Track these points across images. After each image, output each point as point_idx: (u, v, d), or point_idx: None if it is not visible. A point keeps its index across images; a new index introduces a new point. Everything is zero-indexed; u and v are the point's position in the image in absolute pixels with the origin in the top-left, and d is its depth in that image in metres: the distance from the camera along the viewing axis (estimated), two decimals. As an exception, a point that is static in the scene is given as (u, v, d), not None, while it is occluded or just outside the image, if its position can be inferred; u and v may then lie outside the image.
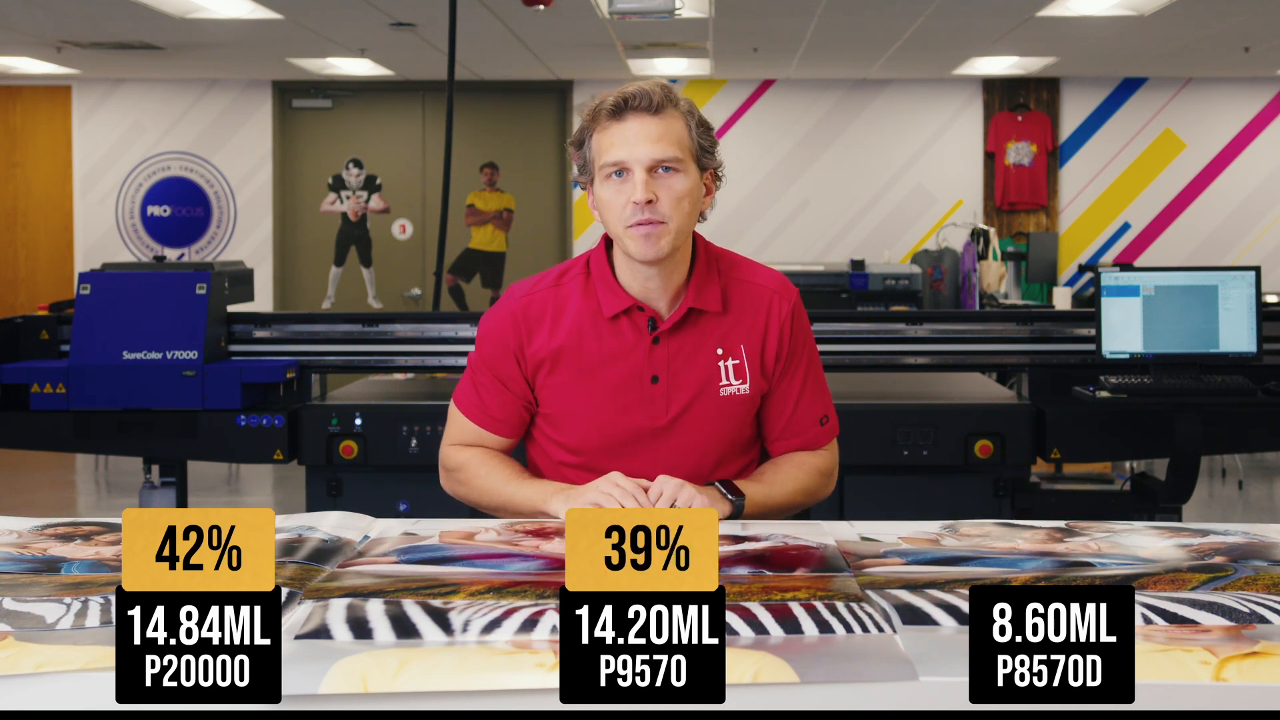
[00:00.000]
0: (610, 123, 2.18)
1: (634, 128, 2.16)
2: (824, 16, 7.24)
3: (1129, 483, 4.32)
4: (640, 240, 2.17)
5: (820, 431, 2.39)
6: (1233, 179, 9.92)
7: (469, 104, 10.00)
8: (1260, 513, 6.89)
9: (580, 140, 2.24)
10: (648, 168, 2.16)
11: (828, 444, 2.41)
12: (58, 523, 2.10)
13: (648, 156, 2.16)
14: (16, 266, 10.34)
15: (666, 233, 2.17)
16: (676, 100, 2.21)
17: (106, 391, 3.93)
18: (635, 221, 2.16)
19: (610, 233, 2.24)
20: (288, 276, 10.28)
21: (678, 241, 2.20)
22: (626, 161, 2.16)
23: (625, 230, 2.18)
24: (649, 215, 2.15)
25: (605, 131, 2.19)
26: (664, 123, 2.17)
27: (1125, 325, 3.77)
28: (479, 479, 2.31)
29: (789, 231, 9.99)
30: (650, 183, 2.16)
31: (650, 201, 2.15)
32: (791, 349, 2.33)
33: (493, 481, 2.29)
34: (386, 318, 4.24)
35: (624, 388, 2.26)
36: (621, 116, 2.17)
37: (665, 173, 2.17)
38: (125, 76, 10.02)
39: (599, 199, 2.22)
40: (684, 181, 2.18)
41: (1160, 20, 7.27)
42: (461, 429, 2.37)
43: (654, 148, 2.16)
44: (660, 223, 2.16)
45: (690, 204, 2.20)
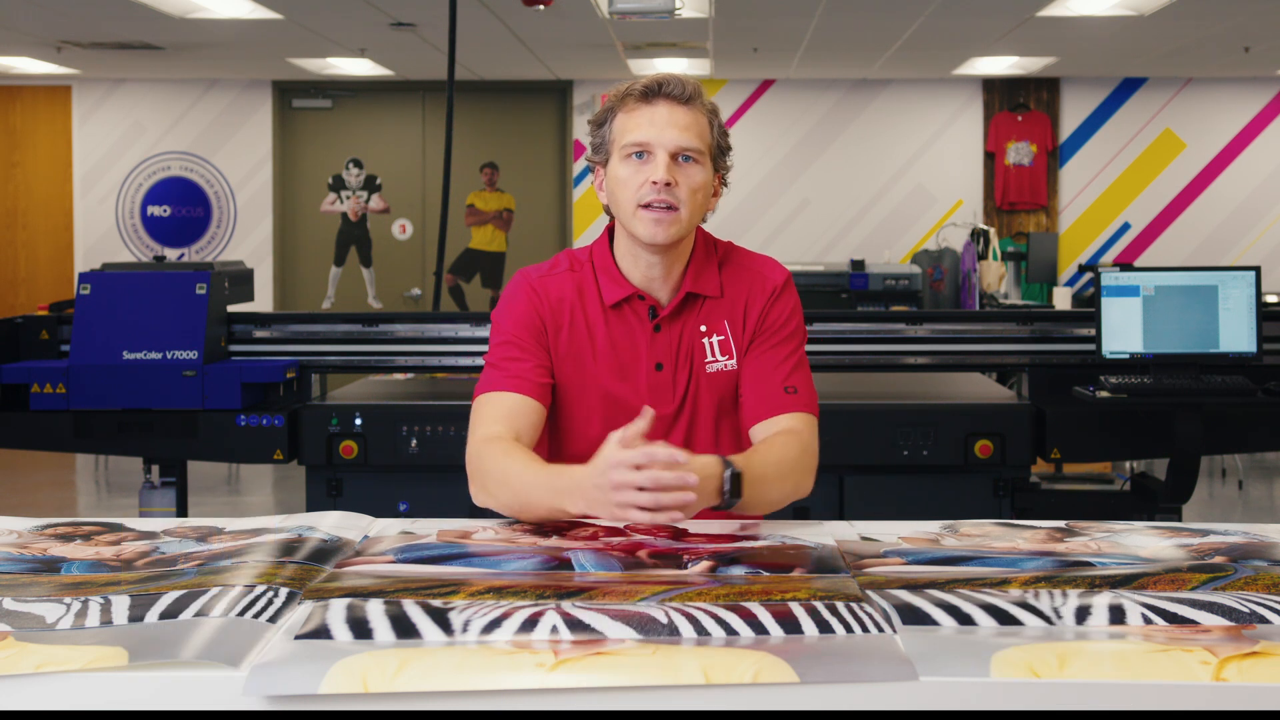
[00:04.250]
0: (639, 105, 2.20)
1: (663, 113, 2.18)
2: (824, 16, 7.24)
3: (1129, 483, 4.32)
4: (650, 223, 2.18)
5: (787, 399, 2.25)
6: (1233, 179, 9.92)
7: (469, 104, 10.00)
8: (1260, 513, 6.89)
9: (602, 120, 2.25)
10: (671, 153, 2.18)
11: (796, 412, 2.24)
12: (58, 523, 2.11)
13: (673, 142, 2.17)
14: (16, 266, 10.34)
15: (677, 220, 2.18)
16: (704, 97, 2.24)
17: (106, 391, 3.93)
18: (649, 201, 2.17)
19: (619, 214, 2.24)
20: (288, 276, 10.28)
21: (684, 231, 2.21)
22: (651, 143, 2.17)
23: (636, 210, 2.19)
24: (666, 197, 2.17)
25: (632, 113, 2.20)
26: (692, 113, 2.20)
27: (1125, 325, 3.77)
28: (496, 469, 2.09)
29: (789, 231, 9.99)
30: (672, 167, 2.18)
31: (669, 184, 2.16)
32: (770, 318, 2.29)
33: (508, 470, 2.08)
34: (386, 318, 4.24)
35: (631, 376, 2.27)
36: (651, 100, 2.19)
37: (685, 162, 2.19)
38: (125, 76, 10.02)
39: (613, 177, 2.22)
40: (701, 174, 2.21)
41: (1160, 20, 7.27)
42: (492, 410, 2.20)
43: (681, 135, 2.18)
44: (674, 209, 2.17)
45: (703, 197, 2.22)
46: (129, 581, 1.71)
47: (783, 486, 2.15)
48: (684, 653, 1.43)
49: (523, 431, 2.20)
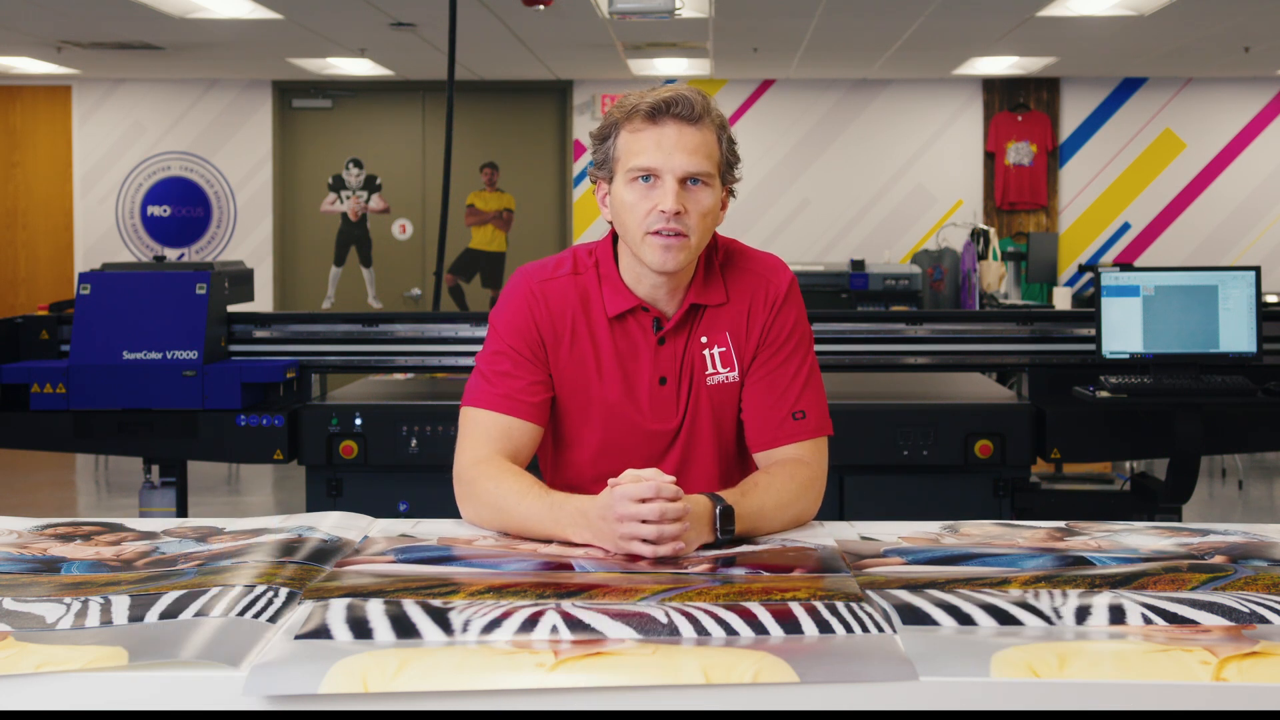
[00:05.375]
0: (645, 125, 2.10)
1: (671, 135, 2.08)
2: (824, 17, 7.24)
3: (1129, 483, 4.32)
4: (660, 250, 2.10)
5: (795, 426, 2.19)
6: (1233, 179, 9.92)
7: (469, 104, 10.00)
8: (1260, 513, 6.89)
9: (605, 135, 2.16)
10: (680, 178, 2.08)
11: (803, 441, 2.19)
12: (58, 523, 2.11)
13: (682, 168, 2.08)
14: (16, 266, 10.34)
15: (686, 247, 2.10)
16: (712, 112, 2.13)
17: (106, 391, 3.93)
18: (657, 229, 2.09)
19: (625, 237, 2.16)
20: (288, 276, 10.28)
21: (694, 256, 2.14)
22: (659, 169, 2.08)
23: (645, 236, 2.10)
24: (676, 226, 2.08)
25: (638, 133, 2.10)
26: (700, 134, 2.10)
27: (1125, 325, 3.77)
28: (489, 494, 2.06)
29: (789, 231, 10.00)
30: (681, 194, 2.09)
31: (679, 213, 2.08)
32: (774, 331, 2.21)
33: (504, 496, 2.04)
34: (386, 318, 4.24)
35: (634, 390, 2.20)
36: (658, 121, 2.09)
37: (694, 185, 2.10)
38: (125, 76, 10.01)
39: (619, 199, 2.14)
40: (710, 197, 2.11)
41: (1160, 20, 7.27)
42: (483, 430, 2.15)
43: (689, 160, 2.08)
44: (683, 236, 2.09)
45: (711, 220, 2.14)
46: (129, 581, 1.71)
47: (782, 517, 2.09)
48: (684, 653, 1.43)
49: (517, 452, 2.15)
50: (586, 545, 1.94)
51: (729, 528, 1.97)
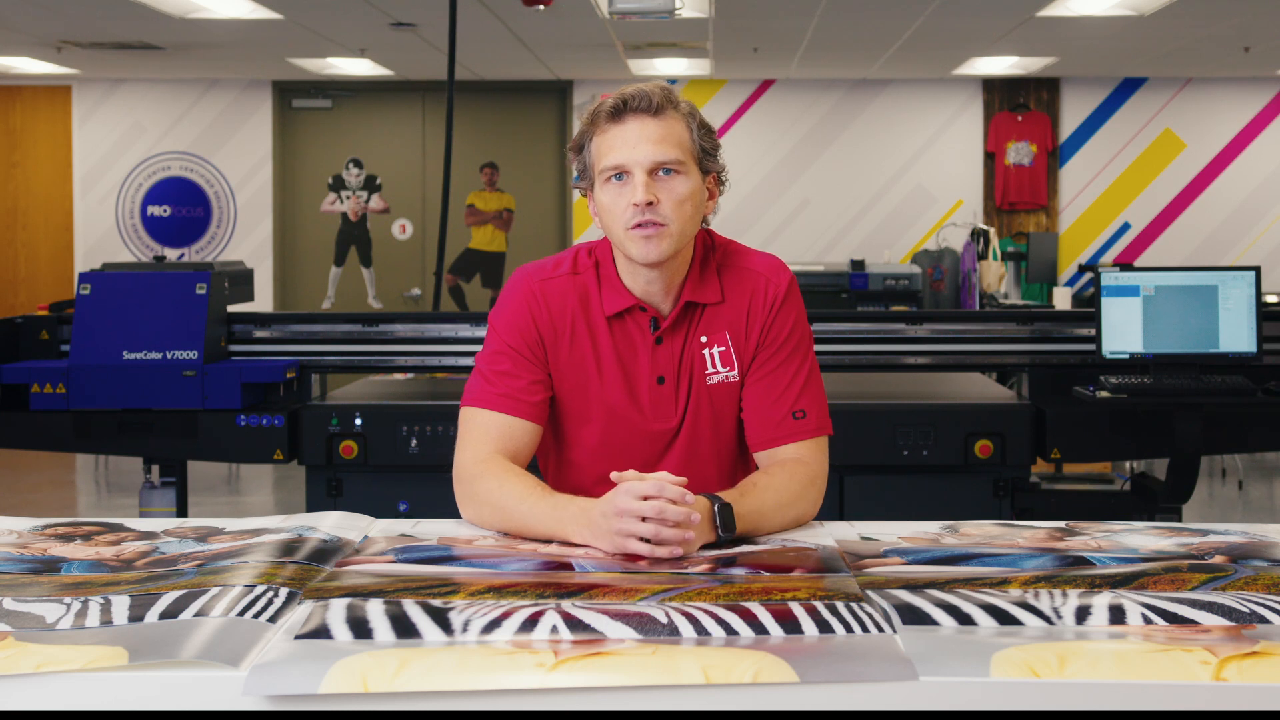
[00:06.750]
0: (609, 125, 2.13)
1: (634, 129, 2.11)
2: (824, 16, 7.24)
3: (1129, 483, 4.32)
4: (640, 242, 2.11)
5: (795, 425, 2.20)
6: (1233, 179, 9.92)
7: (469, 104, 10.00)
8: (1260, 513, 6.89)
9: (579, 145, 2.18)
10: (648, 170, 2.09)
11: (803, 440, 2.20)
12: (58, 523, 2.11)
13: (648, 159, 2.10)
14: (16, 266, 10.34)
15: (667, 235, 2.11)
16: (677, 102, 2.16)
17: (106, 391, 3.93)
18: (635, 224, 2.10)
19: (611, 238, 2.18)
20: (288, 276, 10.28)
21: (679, 245, 2.14)
22: (626, 164, 2.10)
23: (626, 233, 2.12)
24: (650, 217, 2.09)
25: (604, 135, 2.13)
26: (664, 124, 2.12)
27: (1125, 325, 3.77)
28: (490, 494, 2.07)
29: (789, 231, 10.00)
30: (651, 185, 2.10)
31: (651, 203, 2.09)
32: (774, 331, 2.22)
33: (506, 496, 2.05)
34: (386, 318, 4.24)
35: (633, 390, 2.21)
36: (620, 119, 2.12)
37: (666, 175, 2.11)
38: (125, 76, 10.01)
39: (599, 204, 2.16)
40: (685, 184, 2.12)
41: (1160, 20, 7.27)
42: (483, 429, 2.16)
43: (654, 149, 2.10)
44: (661, 225, 2.10)
45: (692, 207, 2.14)
46: (129, 581, 1.71)
47: (782, 517, 2.09)
48: (684, 653, 1.43)
49: (517, 452, 2.16)
50: (587, 545, 1.94)
51: (729, 528, 1.97)
